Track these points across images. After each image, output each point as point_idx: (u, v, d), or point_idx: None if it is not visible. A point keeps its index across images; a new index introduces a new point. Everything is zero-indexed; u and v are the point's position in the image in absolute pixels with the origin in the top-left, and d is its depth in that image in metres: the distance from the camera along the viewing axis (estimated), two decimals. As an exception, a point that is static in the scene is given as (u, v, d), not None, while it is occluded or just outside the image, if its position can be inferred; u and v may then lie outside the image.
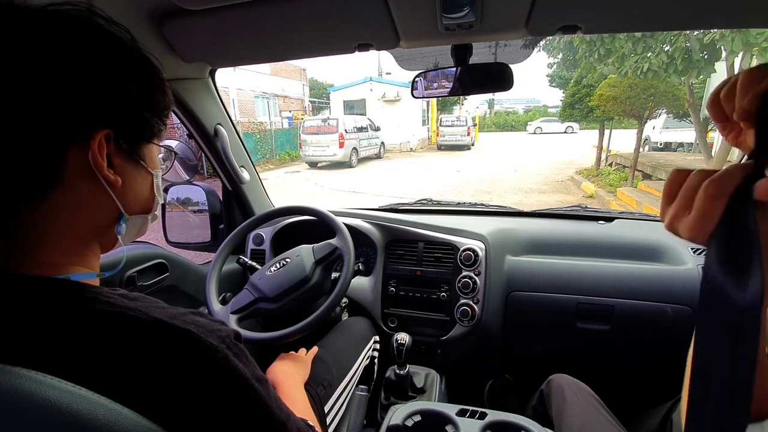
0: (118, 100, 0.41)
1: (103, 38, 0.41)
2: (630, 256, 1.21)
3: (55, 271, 0.39)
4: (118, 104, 0.41)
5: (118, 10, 0.77)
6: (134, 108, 0.43)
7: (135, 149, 0.45)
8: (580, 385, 0.92)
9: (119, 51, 0.42)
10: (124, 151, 0.43)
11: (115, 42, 0.42)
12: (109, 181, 0.41)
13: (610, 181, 7.46)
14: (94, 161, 0.40)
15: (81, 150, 0.39)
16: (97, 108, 0.40)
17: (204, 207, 1.37)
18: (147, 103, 0.45)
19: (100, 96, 0.40)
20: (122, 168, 0.43)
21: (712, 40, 4.20)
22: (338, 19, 0.82)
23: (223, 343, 0.39)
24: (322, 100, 22.27)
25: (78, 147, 0.39)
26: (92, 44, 0.40)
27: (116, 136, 0.42)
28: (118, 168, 0.43)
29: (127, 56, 0.43)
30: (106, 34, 0.41)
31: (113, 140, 0.41)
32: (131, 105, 0.43)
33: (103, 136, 0.40)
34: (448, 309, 1.25)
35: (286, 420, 0.44)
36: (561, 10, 0.77)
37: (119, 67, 0.41)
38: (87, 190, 0.41)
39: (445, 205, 1.62)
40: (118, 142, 0.42)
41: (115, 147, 0.42)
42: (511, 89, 0.96)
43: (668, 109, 7.39)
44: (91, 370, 0.34)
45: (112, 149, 0.42)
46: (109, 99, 0.41)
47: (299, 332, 0.89)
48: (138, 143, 0.45)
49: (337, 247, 1.01)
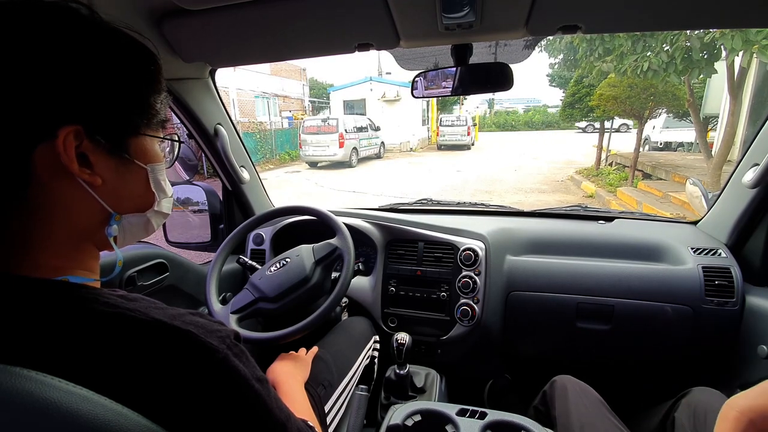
0: (87, 92, 0.38)
1: (62, 22, 0.37)
2: (630, 256, 1.21)
3: (53, 273, 0.39)
4: (86, 97, 0.38)
5: (117, 10, 0.77)
6: (110, 99, 0.40)
7: (118, 144, 0.41)
8: (584, 387, 0.92)
9: (86, 37, 0.38)
10: (103, 146, 0.40)
11: (78, 25, 0.38)
12: (84, 180, 0.39)
13: (610, 181, 7.46)
14: (63, 161, 0.37)
15: (48, 149, 0.36)
16: (59, 103, 0.36)
17: (204, 207, 1.37)
18: (126, 92, 0.41)
19: (62, 89, 0.36)
20: (103, 165, 0.40)
21: (712, 40, 4.19)
22: (338, 19, 0.82)
23: (223, 343, 0.39)
24: (322, 100, 22.25)
25: (44, 146, 0.36)
26: (47, 31, 0.36)
27: (90, 131, 0.38)
28: (97, 165, 0.40)
29: (98, 42, 0.39)
30: (64, 18, 0.37)
31: (86, 136, 0.38)
32: (105, 97, 0.39)
33: (70, 132, 0.37)
34: (448, 309, 1.25)
35: (287, 420, 0.44)
36: (561, 10, 0.77)
37: (86, 55, 0.38)
38: (65, 189, 0.39)
39: (445, 204, 1.62)
40: (94, 138, 0.39)
41: (90, 143, 0.39)
42: (511, 89, 0.96)
43: (668, 109, 7.39)
44: (91, 370, 0.34)
45: (87, 146, 0.38)
46: (75, 92, 0.37)
47: (299, 332, 0.89)
48: (122, 137, 0.42)
49: (337, 246, 1.01)
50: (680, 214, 4.62)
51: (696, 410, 0.83)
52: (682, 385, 0.95)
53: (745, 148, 1.08)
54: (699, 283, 1.07)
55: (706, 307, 1.06)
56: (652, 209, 5.25)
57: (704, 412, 0.81)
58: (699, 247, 1.15)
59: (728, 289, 1.06)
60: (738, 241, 1.14)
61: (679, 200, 5.35)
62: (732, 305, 1.05)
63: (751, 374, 1.01)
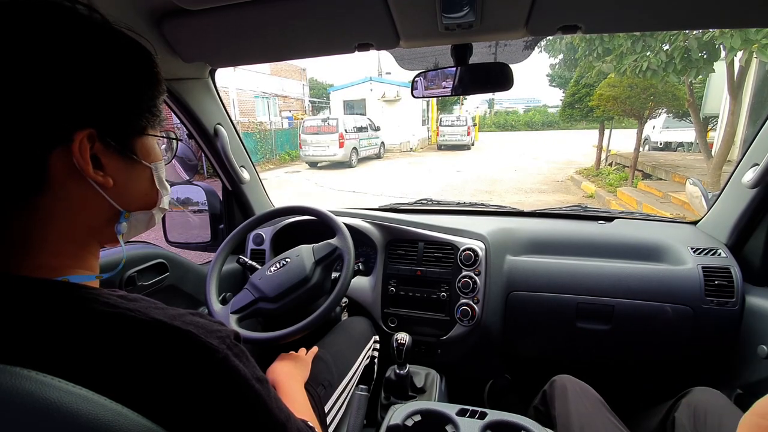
0: (99, 96, 0.38)
1: (75, 28, 0.37)
2: (630, 256, 1.21)
3: (53, 273, 0.39)
4: (98, 100, 0.38)
5: (118, 10, 0.77)
6: (118, 102, 0.40)
7: (126, 145, 0.42)
8: (584, 386, 0.92)
9: (94, 41, 0.38)
10: (113, 148, 0.41)
11: (89, 31, 0.38)
12: (98, 182, 0.39)
13: (610, 181, 7.46)
14: (78, 164, 0.37)
15: (63, 153, 0.37)
16: (74, 107, 0.37)
17: (204, 207, 1.37)
18: (132, 94, 0.42)
19: (77, 93, 0.37)
20: (113, 166, 0.41)
21: (711, 39, 4.19)
22: (338, 19, 0.82)
23: (223, 343, 0.39)
24: (322, 100, 22.25)
25: (59, 151, 0.37)
26: (62, 37, 0.36)
27: (101, 134, 0.39)
28: (109, 167, 0.40)
29: (104, 46, 0.39)
30: (77, 24, 0.37)
31: (98, 139, 0.39)
32: (115, 99, 0.40)
33: (84, 136, 0.37)
34: (448, 309, 1.25)
35: (287, 420, 0.44)
36: (561, 10, 0.77)
37: (96, 59, 0.38)
38: (78, 192, 0.39)
39: (445, 205, 1.62)
40: (104, 140, 0.40)
41: (102, 146, 0.39)
42: (511, 89, 0.96)
43: (668, 109, 7.39)
44: (91, 370, 0.34)
45: (99, 148, 0.39)
46: (88, 96, 0.38)
47: (299, 332, 0.89)
48: (129, 138, 0.43)
49: (337, 246, 1.01)
50: (680, 214, 4.62)
51: (696, 410, 0.83)
52: (683, 385, 0.95)
53: (745, 148, 1.08)
54: (699, 283, 1.07)
55: (706, 307, 1.06)
56: (652, 209, 5.25)
57: (704, 412, 0.81)
58: (699, 247, 1.15)
59: (728, 289, 1.06)
60: (738, 241, 1.14)
61: (679, 200, 5.35)
62: (732, 305, 1.05)
63: (751, 374, 1.01)
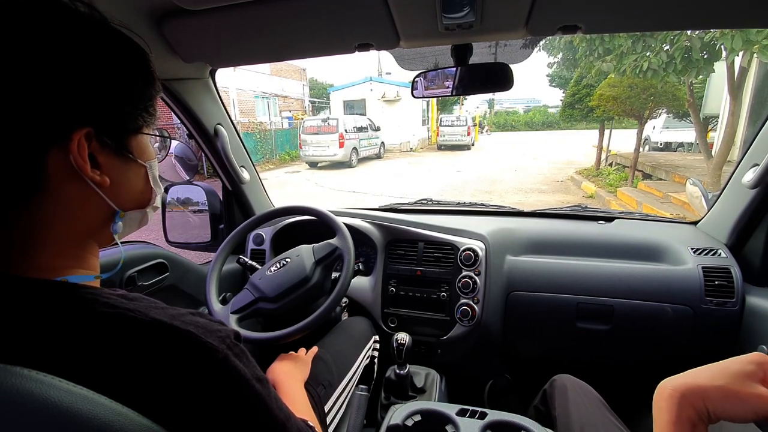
0: (97, 95, 0.38)
1: (75, 27, 0.37)
2: (630, 256, 1.21)
3: (53, 273, 0.39)
4: (96, 99, 0.38)
5: (118, 9, 0.77)
6: (116, 100, 0.40)
7: (122, 143, 0.42)
8: (584, 386, 0.92)
9: (93, 40, 0.38)
10: (110, 147, 0.41)
11: (89, 29, 0.38)
12: (95, 182, 0.39)
13: (610, 181, 7.46)
14: (76, 163, 0.37)
15: (61, 153, 0.37)
16: (73, 106, 0.37)
17: (204, 207, 1.37)
18: (129, 93, 0.42)
19: (75, 92, 0.37)
20: (110, 165, 0.41)
21: (711, 39, 4.19)
22: (338, 19, 0.82)
23: (223, 343, 0.39)
24: (322, 100, 22.25)
25: (57, 150, 0.36)
26: (62, 35, 0.36)
27: (98, 133, 0.39)
28: (105, 166, 0.40)
29: (103, 44, 0.39)
30: (77, 22, 0.37)
31: (95, 138, 0.39)
32: (112, 98, 0.40)
33: (82, 135, 0.37)
34: (448, 309, 1.25)
35: (287, 420, 0.44)
36: (561, 10, 0.77)
37: (95, 58, 0.38)
38: (75, 192, 0.39)
39: (445, 205, 1.62)
40: (101, 139, 0.39)
41: (98, 145, 0.39)
42: (511, 89, 0.96)
43: (668, 109, 7.39)
44: (91, 370, 0.34)
45: (95, 147, 0.39)
46: (86, 94, 0.37)
47: (299, 332, 0.89)
48: (125, 137, 0.42)
49: (337, 246, 1.01)
50: (680, 215, 4.62)
51: None
52: None
53: (745, 148, 1.08)
54: (699, 284, 1.07)
55: (706, 307, 1.06)
56: (652, 209, 5.25)
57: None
58: (699, 247, 1.15)
59: (728, 289, 1.06)
60: (738, 242, 1.14)
61: (679, 200, 5.35)
62: (732, 305, 1.05)
63: (751, 374, 1.01)
